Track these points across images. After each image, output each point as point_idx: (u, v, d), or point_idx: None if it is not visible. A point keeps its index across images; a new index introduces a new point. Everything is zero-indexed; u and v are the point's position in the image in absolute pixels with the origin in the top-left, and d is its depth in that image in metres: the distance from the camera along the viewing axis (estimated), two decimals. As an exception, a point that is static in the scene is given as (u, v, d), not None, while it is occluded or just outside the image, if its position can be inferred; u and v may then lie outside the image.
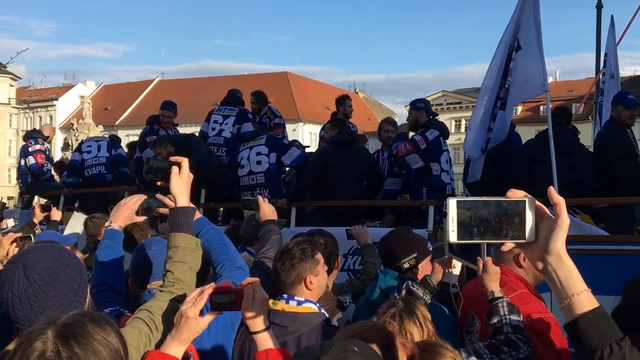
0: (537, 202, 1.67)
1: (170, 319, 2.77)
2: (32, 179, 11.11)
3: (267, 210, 4.24)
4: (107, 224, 3.66)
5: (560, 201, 1.66)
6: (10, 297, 2.22)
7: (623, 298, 3.63)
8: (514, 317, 3.18)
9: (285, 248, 3.51)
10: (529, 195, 1.68)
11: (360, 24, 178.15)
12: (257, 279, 2.65)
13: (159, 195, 3.51)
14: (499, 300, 3.26)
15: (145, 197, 3.73)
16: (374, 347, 2.08)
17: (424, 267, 4.13)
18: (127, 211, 3.61)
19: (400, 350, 2.20)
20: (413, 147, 7.95)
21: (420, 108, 8.50)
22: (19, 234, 5.50)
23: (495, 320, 3.21)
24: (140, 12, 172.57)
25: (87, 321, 1.88)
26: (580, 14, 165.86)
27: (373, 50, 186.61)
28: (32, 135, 11.47)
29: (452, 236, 1.67)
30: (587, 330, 1.64)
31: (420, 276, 4.02)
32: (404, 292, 3.61)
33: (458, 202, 1.67)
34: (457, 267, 3.68)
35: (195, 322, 2.53)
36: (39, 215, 7.39)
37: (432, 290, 3.59)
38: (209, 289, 2.50)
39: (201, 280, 3.52)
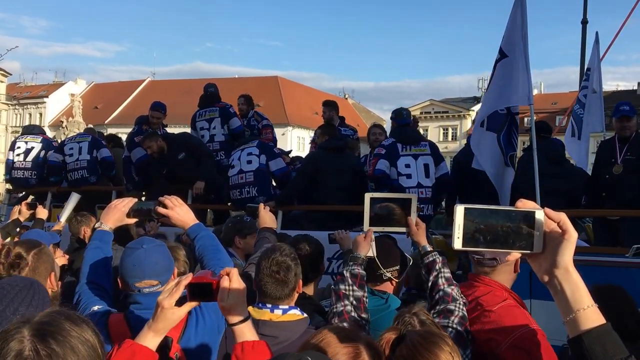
0: (546, 214, 1.64)
1: None
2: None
3: (267, 218, 4.26)
4: (97, 224, 3.70)
5: (562, 217, 1.64)
6: None
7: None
8: (446, 270, 3.50)
9: (276, 260, 3.44)
10: (538, 206, 1.67)
11: (349, 32, 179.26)
12: (235, 269, 2.62)
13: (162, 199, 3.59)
14: (434, 255, 3.56)
15: (136, 199, 3.76)
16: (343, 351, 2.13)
17: (400, 281, 4.18)
18: (117, 213, 3.65)
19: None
20: (376, 159, 8.06)
21: (392, 119, 8.73)
22: None
23: (433, 274, 3.49)
24: (133, 13, 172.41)
25: (63, 319, 1.83)
26: (564, 29, 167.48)
27: (361, 58, 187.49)
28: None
29: (457, 243, 1.65)
30: (592, 347, 1.60)
31: (393, 289, 4.07)
32: (348, 274, 3.59)
33: (466, 209, 1.65)
34: (374, 240, 3.80)
35: (172, 312, 2.51)
36: (25, 213, 7.33)
37: (363, 263, 3.63)
38: (185, 279, 2.48)
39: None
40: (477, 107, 71.13)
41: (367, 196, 3.70)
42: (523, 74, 7.29)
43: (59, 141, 11.63)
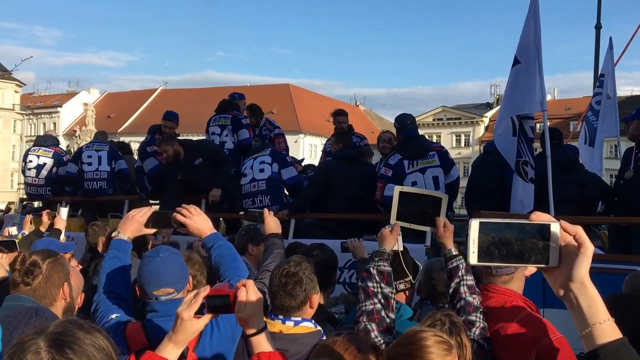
0: (562, 227, 1.62)
1: None
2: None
3: (272, 224, 4.24)
4: (114, 234, 3.75)
5: (578, 230, 1.62)
6: None
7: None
8: (469, 277, 3.44)
9: (287, 271, 3.42)
10: (554, 219, 1.64)
11: (359, 39, 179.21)
12: (251, 281, 2.63)
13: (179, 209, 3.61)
14: (458, 261, 3.51)
15: (154, 209, 3.80)
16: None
17: (411, 291, 4.16)
18: (135, 223, 3.70)
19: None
20: (383, 182, 7.85)
21: (395, 128, 8.30)
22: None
23: (455, 281, 3.44)
24: (144, 23, 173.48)
25: (76, 328, 1.85)
26: (578, 34, 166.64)
27: (372, 65, 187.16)
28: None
29: (472, 258, 1.63)
30: None
31: (406, 299, 4.05)
32: (375, 271, 3.56)
33: (480, 223, 1.63)
34: (401, 234, 3.77)
35: (191, 324, 2.52)
36: (46, 223, 7.34)
37: (389, 258, 3.60)
38: (203, 291, 2.49)
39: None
40: (490, 113, 71.04)
41: (397, 189, 3.69)
42: (536, 80, 7.26)
43: (72, 151, 11.69)
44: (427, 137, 8.73)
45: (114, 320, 3.27)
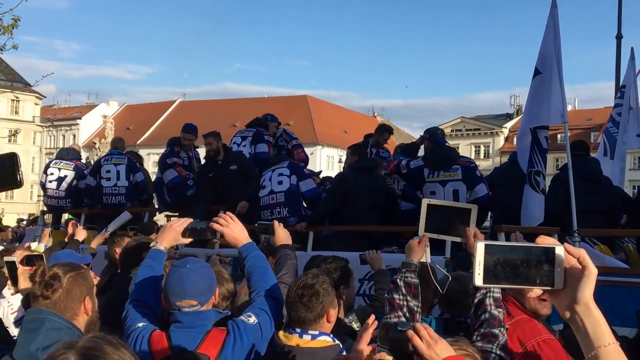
0: (566, 250, 1.64)
1: None
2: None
3: (282, 235, 4.21)
4: (152, 244, 3.80)
5: (582, 253, 1.64)
6: None
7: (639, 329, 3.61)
8: (496, 290, 3.34)
9: (304, 283, 3.42)
10: (558, 243, 1.67)
11: (376, 50, 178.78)
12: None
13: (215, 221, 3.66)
14: None
15: (191, 219, 3.84)
16: None
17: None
18: (172, 233, 3.75)
19: None
20: (394, 167, 8.08)
21: (425, 138, 8.67)
22: (26, 252, 5.51)
23: (481, 292, 3.36)
24: (162, 36, 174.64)
25: (105, 344, 1.88)
26: (598, 44, 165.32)
27: (389, 76, 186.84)
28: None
29: (478, 279, 1.67)
30: None
31: (425, 311, 4.01)
32: (402, 283, 3.55)
33: (486, 245, 1.66)
34: (429, 246, 3.76)
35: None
36: (81, 233, 7.39)
37: (416, 269, 3.58)
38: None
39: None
40: (509, 124, 70.75)
41: (425, 202, 3.69)
42: (557, 91, 7.23)
43: (92, 162, 11.77)
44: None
45: (140, 329, 3.30)
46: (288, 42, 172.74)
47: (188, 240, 3.82)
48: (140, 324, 3.33)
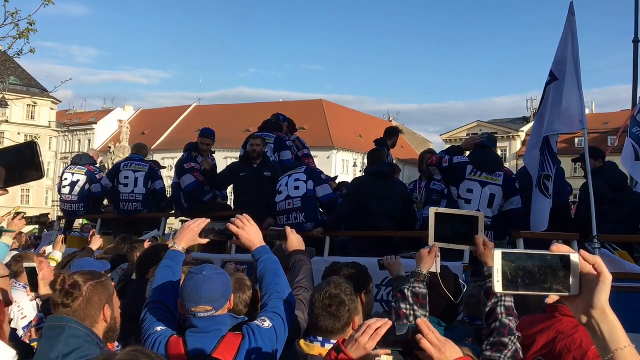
0: (582, 256, 1.71)
1: None
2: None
3: (295, 241, 4.21)
4: (170, 244, 3.84)
5: (597, 260, 1.70)
6: None
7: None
8: (508, 299, 3.36)
9: (330, 293, 3.41)
10: (573, 250, 1.73)
11: (390, 54, 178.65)
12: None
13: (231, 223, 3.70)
14: None
15: (209, 220, 3.85)
16: None
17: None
18: (190, 233, 3.78)
19: None
20: (437, 160, 7.97)
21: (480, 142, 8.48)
22: (42, 258, 5.59)
23: (492, 300, 3.39)
24: (178, 41, 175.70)
25: (143, 356, 1.93)
26: (614, 47, 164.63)
27: (404, 80, 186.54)
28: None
29: (497, 287, 1.73)
30: None
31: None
32: (409, 293, 3.54)
33: (503, 253, 1.73)
34: (439, 256, 3.76)
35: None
36: (97, 242, 7.47)
37: (425, 280, 3.58)
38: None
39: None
40: (526, 128, 70.26)
41: (432, 211, 3.72)
42: (576, 97, 7.19)
43: (107, 166, 11.85)
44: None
45: (158, 333, 3.34)
46: (303, 47, 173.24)
47: (206, 241, 3.84)
48: (159, 328, 3.37)
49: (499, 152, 72.23)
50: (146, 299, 3.69)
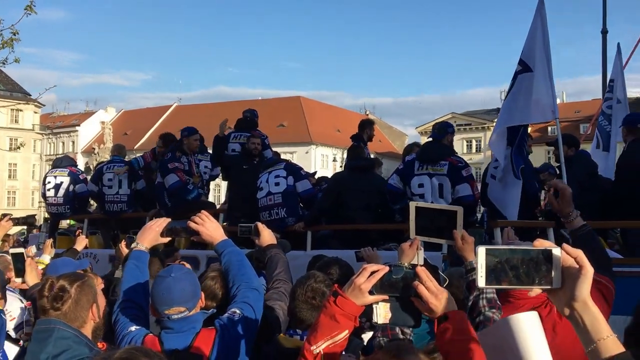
0: (565, 250, 1.72)
1: None
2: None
3: (268, 236, 4.18)
4: (133, 245, 3.83)
5: (579, 253, 1.72)
6: None
7: (634, 317, 3.59)
8: (489, 290, 3.34)
9: (311, 286, 3.44)
10: (555, 245, 1.74)
11: (366, 49, 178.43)
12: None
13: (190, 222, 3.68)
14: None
15: (170, 220, 3.84)
16: None
17: None
18: (152, 233, 3.77)
19: None
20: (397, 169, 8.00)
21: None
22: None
23: (474, 294, 3.38)
24: (156, 44, 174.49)
25: (142, 355, 1.95)
26: (583, 39, 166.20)
27: (380, 75, 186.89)
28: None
29: (481, 281, 1.74)
30: None
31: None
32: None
33: (487, 249, 1.74)
34: (422, 248, 3.75)
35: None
36: (82, 241, 7.36)
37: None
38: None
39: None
40: (500, 119, 70.75)
41: (412, 205, 3.72)
42: (547, 87, 7.21)
43: (91, 168, 11.77)
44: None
45: (133, 333, 3.33)
46: (280, 46, 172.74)
47: (167, 240, 3.84)
48: (133, 328, 3.36)
49: (474, 143, 73.58)
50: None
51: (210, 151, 10.65)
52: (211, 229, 3.69)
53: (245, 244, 5.26)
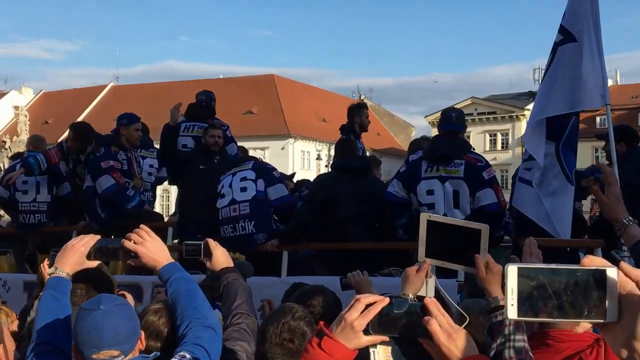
0: (622, 270, 1.61)
1: None
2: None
3: (222, 257, 4.09)
4: (50, 270, 3.72)
5: None
6: None
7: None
8: (518, 337, 3.23)
9: (288, 324, 3.44)
10: (609, 263, 1.64)
11: (357, 14, 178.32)
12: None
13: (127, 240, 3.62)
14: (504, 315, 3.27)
15: (99, 237, 3.77)
16: None
17: None
18: (75, 254, 3.66)
19: None
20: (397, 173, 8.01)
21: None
22: None
23: (498, 341, 3.25)
24: (87, 4, 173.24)
25: None
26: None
27: (377, 47, 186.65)
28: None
29: (512, 312, 1.66)
30: None
31: None
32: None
33: (519, 269, 1.66)
34: (433, 277, 3.66)
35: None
36: None
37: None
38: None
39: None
40: (533, 106, 70.92)
41: (424, 217, 3.63)
42: (595, 65, 7.21)
43: (1, 168, 11.67)
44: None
45: None
46: (247, 8, 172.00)
47: (96, 263, 3.76)
48: None
49: (499, 137, 73.75)
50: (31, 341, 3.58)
51: (157, 146, 10.64)
52: (153, 249, 3.62)
53: (201, 268, 5.24)
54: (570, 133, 7.57)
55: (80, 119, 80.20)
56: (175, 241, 8.64)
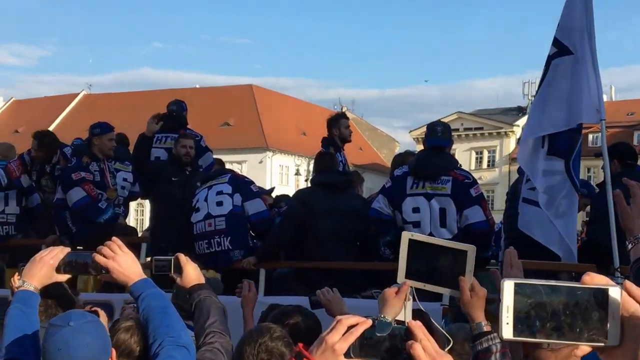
0: (626, 289, 1.57)
1: None
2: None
3: (193, 273, 4.03)
4: (18, 283, 3.68)
5: None
6: None
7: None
8: None
9: (265, 345, 3.46)
10: (612, 282, 1.60)
11: (339, 22, 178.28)
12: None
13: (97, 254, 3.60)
14: (490, 341, 3.28)
15: (68, 249, 3.76)
16: None
17: None
18: (44, 268, 3.64)
19: None
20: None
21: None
22: None
23: None
24: (57, 6, 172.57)
25: None
26: (636, 16, 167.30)
27: (359, 58, 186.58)
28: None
29: (506, 331, 1.60)
30: None
31: None
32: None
33: (516, 285, 1.61)
34: (410, 298, 3.54)
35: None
36: None
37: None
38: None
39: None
40: (522, 121, 70.69)
41: (405, 236, 3.57)
42: (590, 80, 7.21)
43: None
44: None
45: None
46: (225, 15, 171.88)
47: (65, 277, 3.76)
48: None
49: (486, 154, 73.71)
50: None
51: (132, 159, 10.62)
52: (125, 264, 3.61)
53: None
54: (578, 149, 7.56)
55: (52, 127, 79.77)
56: (148, 259, 8.59)
